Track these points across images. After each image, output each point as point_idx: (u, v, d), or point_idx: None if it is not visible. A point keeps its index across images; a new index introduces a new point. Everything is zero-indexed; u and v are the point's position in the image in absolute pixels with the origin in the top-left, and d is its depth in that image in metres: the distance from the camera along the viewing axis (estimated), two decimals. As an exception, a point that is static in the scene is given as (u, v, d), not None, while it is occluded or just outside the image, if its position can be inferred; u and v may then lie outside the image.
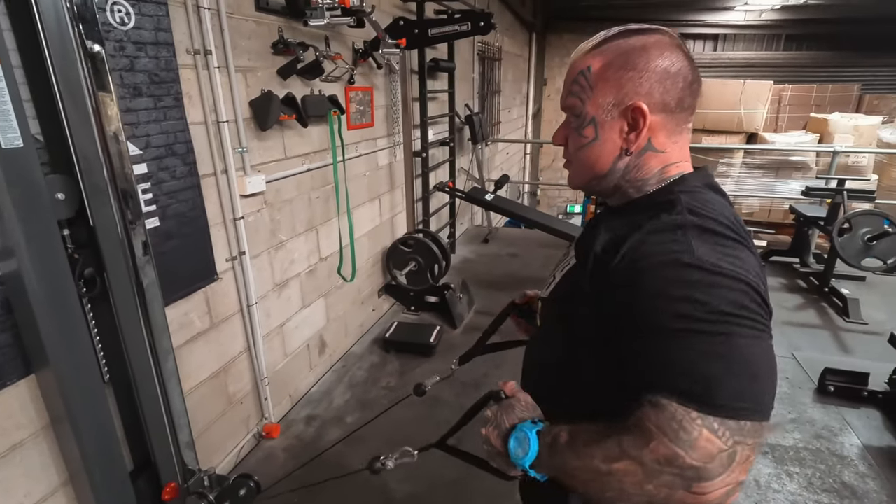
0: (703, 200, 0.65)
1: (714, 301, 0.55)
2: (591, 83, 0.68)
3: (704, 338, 0.55)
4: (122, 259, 1.21)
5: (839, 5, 6.90)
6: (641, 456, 0.55)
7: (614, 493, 0.59)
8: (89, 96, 1.05)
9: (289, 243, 2.28)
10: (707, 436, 0.53)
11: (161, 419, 1.36)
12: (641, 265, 0.60)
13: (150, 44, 1.45)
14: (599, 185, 0.74)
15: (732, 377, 0.54)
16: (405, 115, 3.20)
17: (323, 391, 2.58)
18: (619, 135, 0.68)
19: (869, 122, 5.40)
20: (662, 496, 0.55)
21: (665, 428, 0.54)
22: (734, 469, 0.53)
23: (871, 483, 1.97)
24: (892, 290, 3.78)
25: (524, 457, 0.67)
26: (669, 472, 0.54)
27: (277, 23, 2.00)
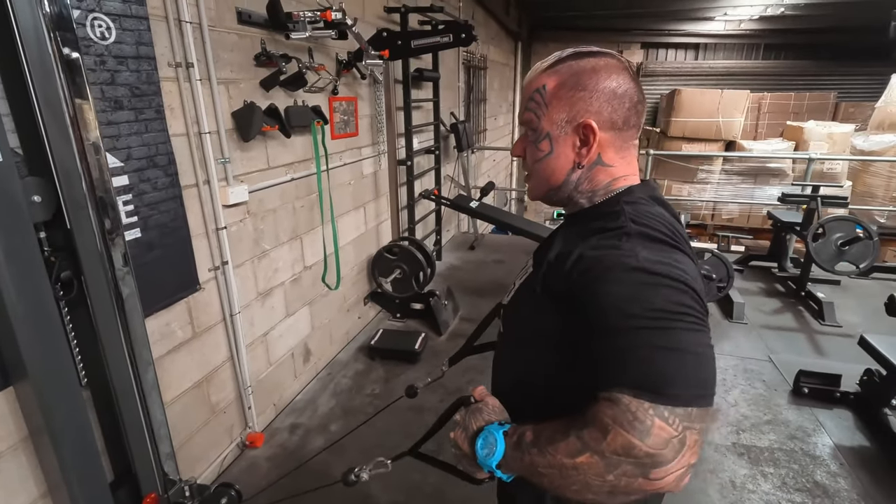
0: (644, 211, 0.70)
1: (658, 300, 0.60)
2: (546, 101, 0.73)
3: (651, 333, 0.59)
4: (101, 271, 1.22)
5: (815, 16, 7.10)
6: (601, 448, 0.59)
7: (578, 487, 0.62)
8: (66, 104, 1.07)
9: (272, 252, 2.29)
10: (660, 424, 0.57)
11: (141, 430, 1.36)
12: (593, 272, 0.64)
13: (131, 58, 1.47)
14: (556, 196, 0.79)
15: (678, 368, 0.59)
16: (389, 124, 3.24)
17: (307, 399, 2.59)
18: (572, 149, 0.74)
19: (842, 129, 5.56)
20: (623, 485, 0.59)
21: (621, 420, 0.58)
22: (685, 453, 0.57)
23: (843, 482, 2.03)
24: (866, 294, 3.88)
25: (490, 457, 0.69)
26: (627, 462, 0.58)
27: (260, 35, 2.03)
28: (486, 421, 0.74)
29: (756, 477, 2.06)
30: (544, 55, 3.45)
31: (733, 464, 2.13)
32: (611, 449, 0.58)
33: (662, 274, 0.61)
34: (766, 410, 2.48)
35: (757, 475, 2.07)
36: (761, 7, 6.77)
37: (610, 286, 0.62)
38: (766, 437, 2.30)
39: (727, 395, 2.60)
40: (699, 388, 0.59)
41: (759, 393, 2.63)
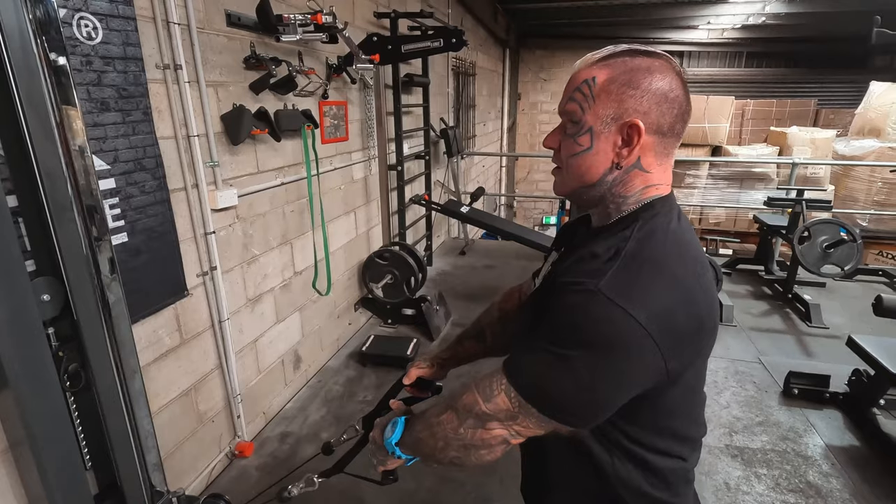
0: (656, 228, 0.69)
1: (583, 327, 0.64)
2: (594, 94, 0.70)
3: (553, 350, 0.65)
4: (87, 277, 1.18)
5: (795, 25, 7.26)
6: (456, 405, 0.75)
7: (442, 442, 0.76)
8: (53, 110, 1.04)
9: (262, 257, 2.26)
10: (503, 398, 0.70)
11: (128, 440, 1.32)
12: (563, 280, 0.69)
13: (118, 58, 1.44)
14: (586, 195, 0.76)
15: (544, 381, 0.67)
16: (380, 129, 3.23)
17: (298, 407, 2.54)
18: (613, 148, 0.71)
19: (824, 135, 5.68)
20: (469, 436, 0.73)
21: (480, 384, 0.73)
22: (513, 425, 0.70)
23: (835, 482, 2.04)
24: (850, 296, 3.95)
25: (391, 436, 0.84)
26: (471, 416, 0.73)
27: (249, 38, 2.01)
28: (396, 416, 0.89)
29: (750, 478, 2.06)
30: (531, 62, 3.53)
31: (727, 465, 2.13)
32: (461, 404, 0.74)
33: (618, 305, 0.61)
34: (758, 412, 2.50)
35: (751, 476, 2.07)
36: (743, 16, 6.90)
37: (566, 296, 0.66)
38: (759, 438, 2.31)
39: (719, 398, 2.61)
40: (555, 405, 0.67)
41: (751, 395, 2.64)
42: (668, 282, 0.65)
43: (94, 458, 1.36)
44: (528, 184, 9.68)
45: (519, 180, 9.65)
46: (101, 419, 1.31)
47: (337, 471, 1.07)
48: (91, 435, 1.33)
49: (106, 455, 1.37)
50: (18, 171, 1.07)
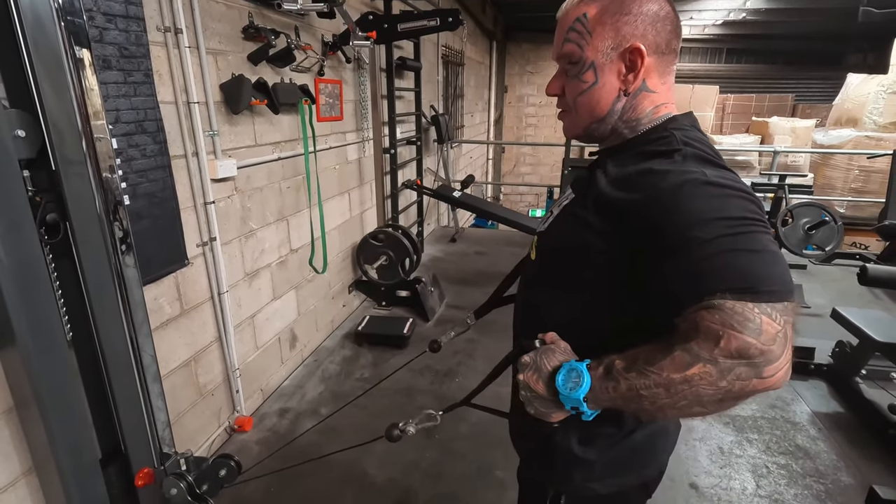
0: (693, 137, 0.71)
1: (734, 210, 0.61)
2: (589, 28, 0.71)
3: (735, 239, 0.59)
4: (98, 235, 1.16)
5: (773, 22, 7.45)
6: (714, 356, 0.57)
7: (688, 400, 0.60)
8: (66, 53, 1.02)
9: (259, 232, 2.24)
10: (767, 321, 0.56)
11: (137, 399, 1.30)
12: (660, 189, 0.63)
13: (119, 16, 1.42)
14: (598, 130, 0.77)
15: (766, 266, 0.59)
16: (374, 110, 3.22)
17: (295, 385, 2.53)
18: (618, 77, 0.72)
19: (804, 124, 5.85)
20: (736, 389, 0.58)
21: (731, 322, 0.57)
22: (787, 347, 0.58)
23: (822, 444, 2.12)
24: (830, 278, 4.08)
25: (577, 390, 0.66)
26: (741, 364, 0.57)
27: (248, 8, 1.99)
28: (561, 360, 0.70)
29: (742, 443, 2.13)
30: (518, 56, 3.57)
31: (720, 432, 2.20)
32: (725, 353, 0.57)
33: (730, 186, 0.63)
34: (747, 383, 2.57)
35: (743, 441, 2.14)
36: (724, 11, 7.05)
37: (686, 201, 0.61)
38: (749, 407, 2.38)
39: (709, 371, 2.68)
40: (784, 284, 0.59)
41: (739, 368, 2.71)
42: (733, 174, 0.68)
43: (100, 420, 1.34)
44: (514, 176, 9.74)
45: (505, 173, 9.70)
46: (104, 379, 1.30)
47: (464, 403, 0.93)
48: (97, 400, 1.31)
49: (109, 417, 1.35)
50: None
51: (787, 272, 0.60)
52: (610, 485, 0.82)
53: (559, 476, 0.84)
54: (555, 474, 0.85)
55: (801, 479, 1.92)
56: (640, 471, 0.84)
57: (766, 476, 1.94)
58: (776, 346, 0.56)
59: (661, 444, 0.86)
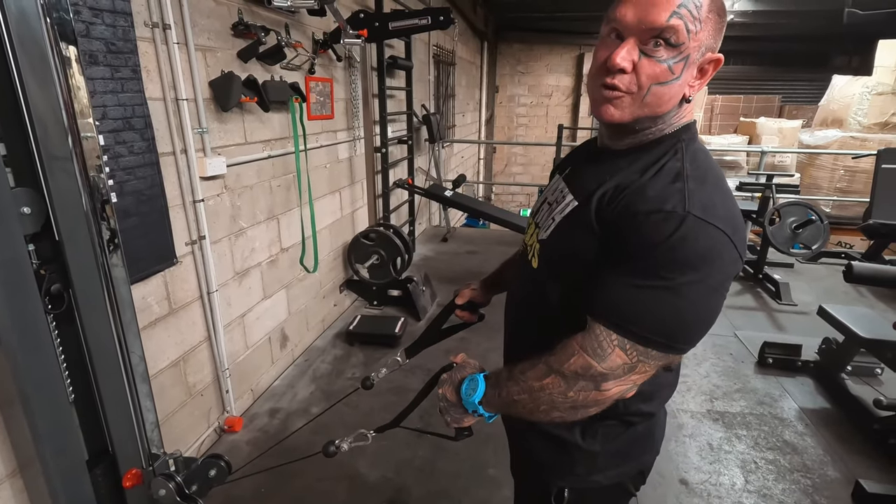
0: (702, 150, 0.70)
1: (683, 252, 0.60)
2: (702, 18, 0.62)
3: (658, 283, 0.62)
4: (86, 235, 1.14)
5: (759, 24, 7.54)
6: (562, 369, 0.68)
7: (546, 406, 0.70)
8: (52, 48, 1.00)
9: (249, 231, 2.22)
10: (619, 353, 0.65)
11: (125, 400, 1.29)
12: (634, 210, 0.64)
13: (106, 11, 1.40)
14: (645, 124, 0.69)
15: (655, 313, 0.63)
16: (365, 109, 3.21)
17: (286, 384, 2.52)
18: (689, 80, 0.67)
19: (791, 125, 5.94)
20: (581, 399, 0.68)
21: (587, 345, 0.66)
22: (632, 375, 0.66)
23: (809, 440, 2.15)
24: (816, 276, 4.14)
25: (473, 395, 0.76)
26: (583, 379, 0.67)
27: (237, 4, 1.97)
28: (469, 373, 0.81)
29: (731, 439, 2.15)
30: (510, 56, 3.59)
31: (709, 428, 2.22)
32: (569, 369, 0.67)
33: (706, 221, 0.60)
34: (736, 380, 2.60)
35: (732, 437, 2.16)
36: (713, 12, 7.13)
37: (648, 227, 0.62)
38: (738, 403, 2.40)
39: (699, 368, 2.71)
40: (668, 339, 0.64)
41: (728, 365, 2.75)
42: (728, 195, 0.67)
43: (86, 421, 1.32)
44: (505, 176, 9.76)
45: (496, 173, 9.72)
46: (93, 379, 1.28)
47: (394, 425, 1.01)
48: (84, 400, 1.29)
49: (97, 418, 1.33)
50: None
51: (685, 331, 0.64)
52: (612, 476, 0.84)
53: (563, 470, 0.85)
54: (559, 468, 0.85)
55: (788, 474, 1.95)
56: (639, 459, 0.86)
57: (755, 471, 1.96)
58: (618, 371, 0.65)
59: (657, 432, 0.88)
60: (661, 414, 0.89)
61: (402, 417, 1.02)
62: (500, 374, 0.77)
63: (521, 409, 0.73)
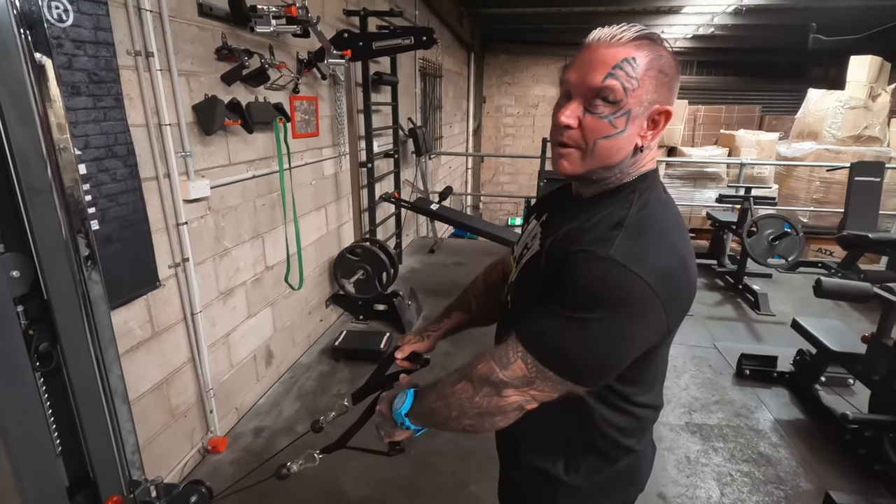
0: (657, 200, 0.74)
1: (598, 291, 0.67)
2: (639, 76, 0.68)
3: (571, 315, 0.68)
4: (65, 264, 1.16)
5: (741, 36, 7.73)
6: (471, 374, 0.75)
7: (457, 412, 0.76)
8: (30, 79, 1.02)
9: (234, 251, 2.24)
10: (520, 365, 0.71)
11: (106, 429, 1.29)
12: (570, 249, 0.70)
13: (89, 42, 1.42)
14: (600, 175, 0.74)
15: (561, 345, 0.69)
16: (350, 126, 3.25)
17: (271, 402, 2.52)
18: (639, 132, 0.71)
19: (769, 137, 6.08)
20: (485, 404, 0.73)
21: (496, 353, 0.73)
22: (530, 390, 0.72)
23: (783, 451, 2.21)
24: (794, 286, 4.24)
25: (401, 406, 0.83)
26: (487, 384, 0.73)
27: (221, 29, 2.00)
28: (404, 388, 0.87)
29: (708, 452, 2.20)
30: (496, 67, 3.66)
31: (687, 441, 2.27)
32: (476, 374, 0.74)
33: (624, 267, 0.65)
34: (714, 392, 2.66)
35: (709, 450, 2.21)
36: (694, 26, 7.30)
37: (576, 266, 0.68)
38: (715, 415, 2.46)
39: (678, 380, 2.76)
40: (570, 366, 0.70)
41: (707, 377, 2.81)
42: (669, 248, 0.70)
43: (66, 448, 1.33)
44: (493, 185, 9.84)
45: (484, 182, 9.80)
46: (74, 407, 1.29)
47: (339, 446, 1.07)
48: (64, 424, 1.30)
49: (77, 445, 1.34)
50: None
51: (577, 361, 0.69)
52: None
53: (547, 502, 0.88)
54: (543, 500, 0.88)
55: (762, 486, 2.00)
56: (622, 495, 0.89)
57: (730, 484, 2.01)
58: (517, 381, 0.71)
59: (643, 468, 0.90)
60: (647, 450, 0.91)
61: (347, 437, 1.09)
62: (426, 387, 0.83)
63: (437, 417, 0.79)
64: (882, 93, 5.64)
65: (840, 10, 5.38)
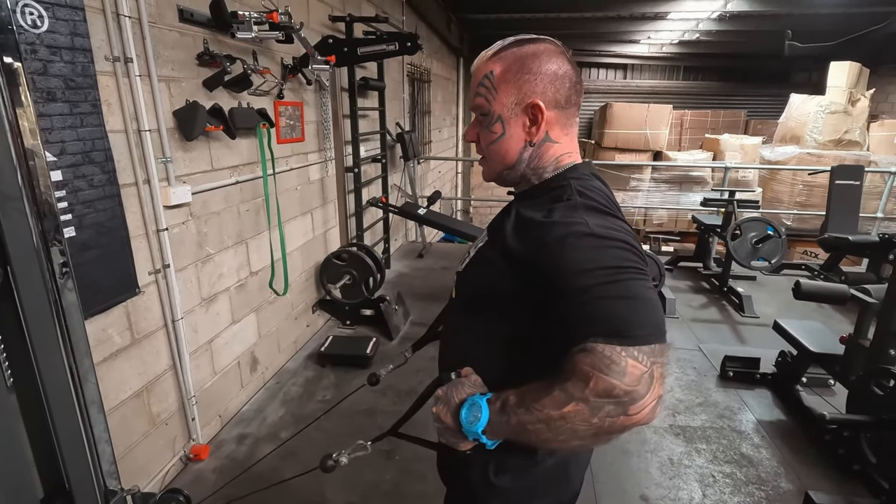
0: (587, 185, 0.78)
1: (609, 259, 0.67)
2: (495, 85, 0.79)
3: (608, 288, 0.65)
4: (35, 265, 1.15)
5: (726, 42, 7.85)
6: (584, 395, 0.64)
7: (566, 435, 0.67)
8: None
9: (217, 256, 2.22)
10: (632, 363, 0.62)
11: (80, 440, 1.28)
12: (549, 239, 0.70)
13: (65, 48, 1.41)
14: (509, 176, 0.85)
15: (636, 312, 0.65)
16: (336, 131, 3.25)
17: (255, 409, 2.51)
18: (523, 129, 0.80)
19: (752, 141, 6.17)
20: (607, 425, 0.64)
21: (599, 366, 0.63)
22: (654, 386, 0.63)
23: (764, 452, 2.23)
24: (778, 288, 4.29)
25: (476, 424, 0.72)
26: (609, 402, 0.63)
27: (203, 35, 2.00)
28: (469, 393, 0.76)
29: (691, 453, 2.22)
30: None
31: (671, 443, 2.28)
32: (594, 393, 0.63)
33: (609, 237, 0.69)
34: (698, 394, 2.68)
35: (692, 452, 2.23)
36: (679, 32, 7.40)
37: (568, 253, 0.68)
38: (699, 417, 2.48)
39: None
40: (655, 328, 0.65)
41: (692, 379, 2.83)
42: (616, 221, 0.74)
43: (41, 459, 1.31)
44: (483, 189, 9.86)
45: (474, 186, 9.82)
46: (48, 418, 1.27)
47: (391, 433, 1.00)
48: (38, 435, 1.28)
49: (53, 457, 1.32)
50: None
51: (658, 316, 0.66)
52: None
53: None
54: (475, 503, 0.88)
55: (744, 487, 2.02)
56: (554, 495, 0.89)
57: (713, 485, 2.03)
58: (641, 387, 0.62)
59: (572, 467, 0.90)
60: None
61: (398, 425, 1.00)
62: (506, 399, 0.72)
63: (533, 438, 0.70)
64: (861, 98, 5.75)
65: (820, 17, 5.49)
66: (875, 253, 3.52)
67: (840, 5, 5.06)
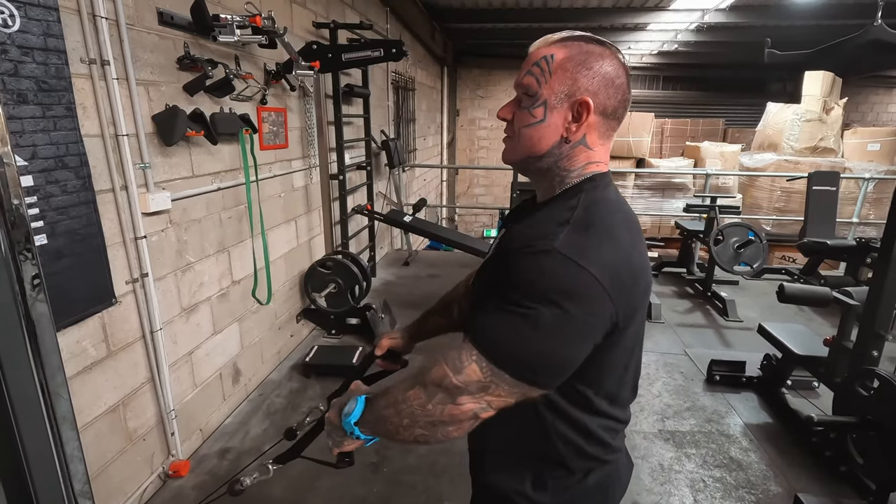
0: (599, 197, 0.75)
1: (543, 283, 0.66)
2: (552, 69, 0.75)
3: (518, 308, 0.66)
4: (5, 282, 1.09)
5: (704, 52, 8.03)
6: (424, 380, 0.71)
7: (408, 420, 0.72)
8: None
9: (198, 265, 2.16)
10: (474, 368, 0.68)
11: (50, 453, 1.21)
12: (515, 246, 0.72)
13: (38, 49, 1.36)
14: (533, 165, 0.80)
15: (521, 340, 0.67)
16: (321, 137, 3.21)
17: (238, 422, 2.43)
18: (563, 123, 0.76)
19: (731, 149, 6.31)
20: (437, 412, 0.70)
21: (448, 357, 0.70)
22: (486, 395, 0.69)
23: (753, 455, 2.23)
24: (760, 293, 4.36)
25: (350, 415, 0.79)
26: (441, 390, 0.70)
27: (183, 38, 1.96)
28: (356, 395, 0.82)
29: (681, 458, 2.21)
30: (469, 80, 3.71)
31: (660, 449, 2.28)
32: (430, 379, 0.71)
33: (568, 259, 0.66)
34: (686, 398, 2.69)
35: (682, 457, 2.22)
36: (659, 43, 7.54)
37: (519, 261, 0.69)
38: (687, 422, 2.48)
39: (651, 388, 2.78)
40: (524, 367, 0.68)
41: (679, 383, 2.84)
42: (613, 243, 0.71)
43: (8, 479, 1.24)
44: (468, 198, 9.89)
45: (459, 194, 9.84)
46: (17, 436, 1.20)
47: (294, 455, 1.01)
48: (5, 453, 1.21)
49: (22, 475, 1.25)
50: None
51: (532, 358, 0.67)
52: None
53: None
54: None
55: (734, 491, 2.02)
56: None
57: (703, 490, 2.02)
58: (472, 387, 0.69)
59: (613, 486, 0.87)
60: (619, 467, 0.87)
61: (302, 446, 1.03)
62: (378, 393, 0.80)
63: (388, 425, 0.75)
64: (835, 106, 5.92)
65: (795, 29, 5.65)
66: (853, 256, 3.60)
67: (813, 17, 5.23)
